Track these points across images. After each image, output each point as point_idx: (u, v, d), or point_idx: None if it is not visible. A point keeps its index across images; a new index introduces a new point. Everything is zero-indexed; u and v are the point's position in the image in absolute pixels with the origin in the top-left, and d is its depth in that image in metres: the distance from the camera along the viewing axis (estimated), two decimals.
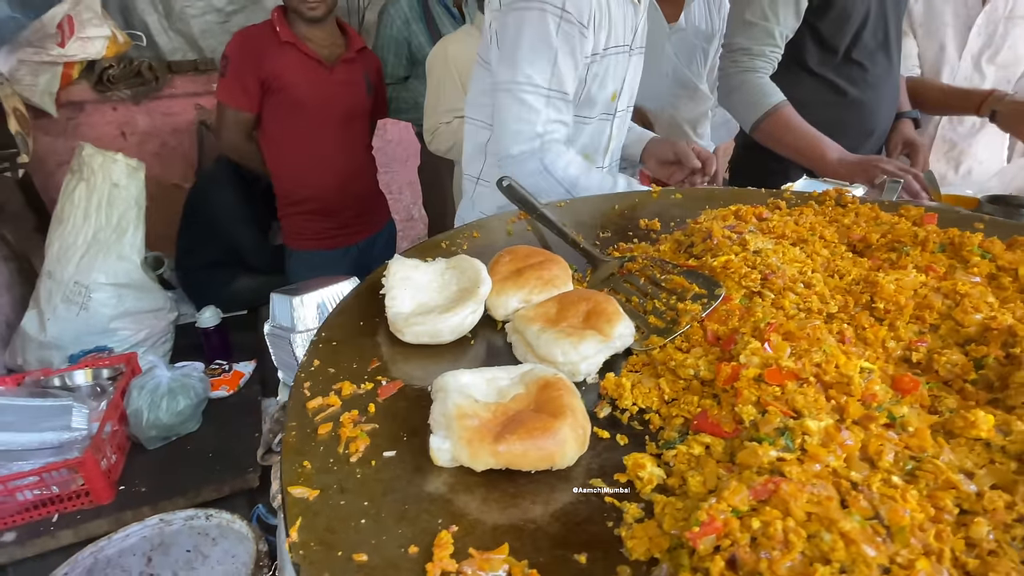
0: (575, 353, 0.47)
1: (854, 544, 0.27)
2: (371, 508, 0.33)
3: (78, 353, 2.07)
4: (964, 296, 0.53)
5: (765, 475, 0.31)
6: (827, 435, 0.34)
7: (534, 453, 0.35)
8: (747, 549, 0.27)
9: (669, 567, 0.29)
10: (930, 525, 0.30)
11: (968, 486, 0.33)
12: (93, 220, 2.14)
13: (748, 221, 0.69)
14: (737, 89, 1.45)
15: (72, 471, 1.52)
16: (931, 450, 0.35)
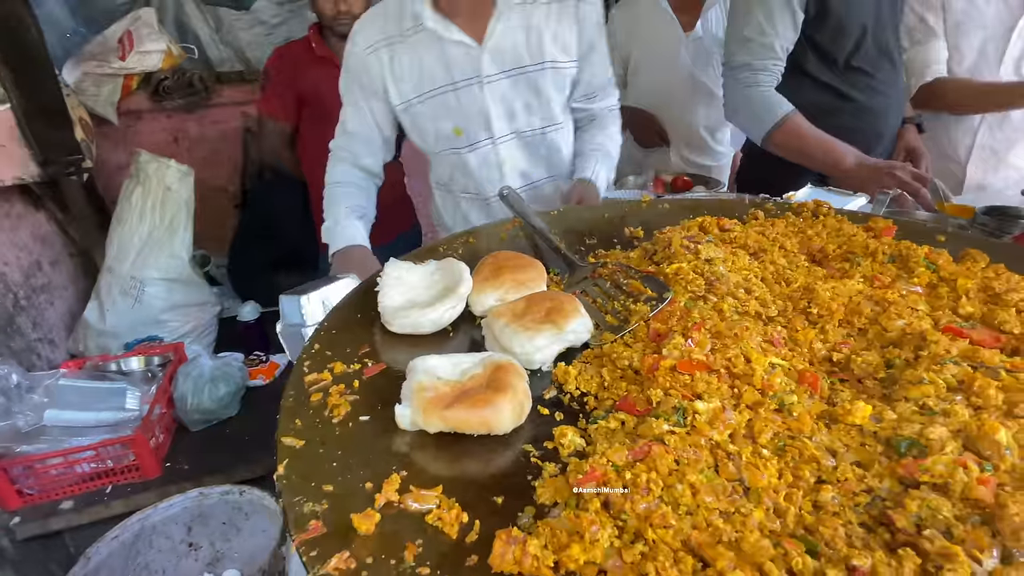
0: (530, 345, 0.56)
1: (698, 494, 0.34)
2: (343, 456, 0.42)
3: (132, 341, 2.28)
4: (891, 304, 0.58)
5: (646, 441, 0.38)
6: (713, 415, 0.41)
7: (475, 419, 0.44)
8: (618, 494, 0.35)
9: (562, 506, 0.37)
10: (784, 488, 0.37)
11: (828, 461, 0.39)
12: (148, 220, 2.35)
13: (711, 231, 0.76)
14: (744, 105, 1.46)
15: (125, 447, 1.69)
16: (808, 432, 0.42)
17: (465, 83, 1.09)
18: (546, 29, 1.08)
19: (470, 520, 0.37)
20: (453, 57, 1.07)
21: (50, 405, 1.71)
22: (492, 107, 1.11)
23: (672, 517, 0.33)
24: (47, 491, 1.64)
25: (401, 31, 1.07)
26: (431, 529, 0.37)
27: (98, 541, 1.46)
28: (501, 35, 1.06)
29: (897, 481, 0.37)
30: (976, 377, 0.43)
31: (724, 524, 0.33)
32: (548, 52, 1.09)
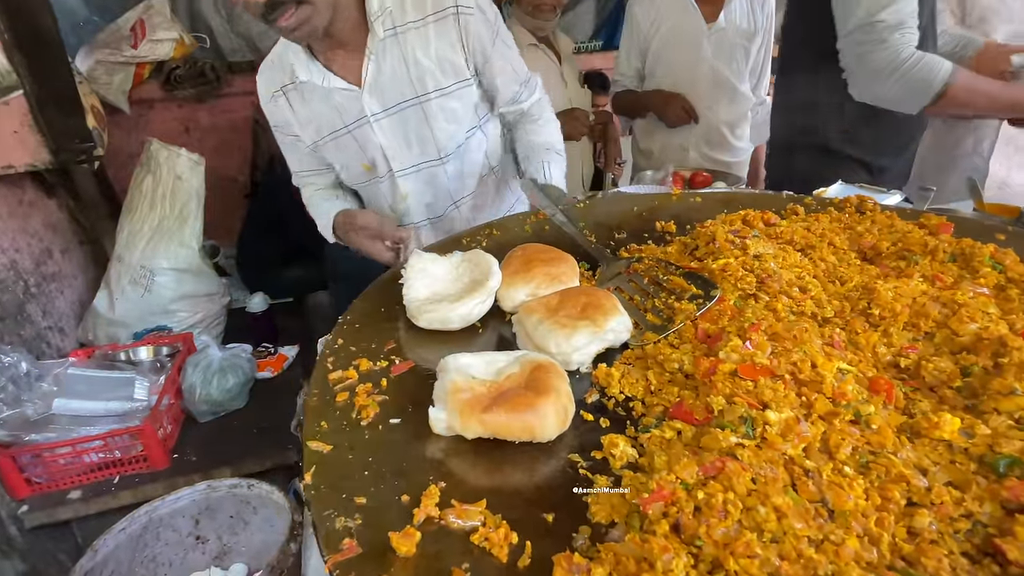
0: (567, 344, 0.52)
1: (785, 518, 0.30)
2: (374, 464, 0.38)
3: (141, 331, 2.27)
4: (962, 306, 0.53)
5: (718, 456, 0.34)
6: (786, 426, 0.37)
7: (517, 424, 0.40)
8: (690, 516, 0.31)
9: (624, 529, 0.33)
10: (873, 512, 0.33)
11: (920, 481, 0.35)
12: (158, 209, 2.33)
13: (755, 226, 0.71)
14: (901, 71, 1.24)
15: (133, 438, 1.67)
16: (891, 447, 0.38)
17: (355, 124, 1.06)
18: (425, 56, 1.00)
19: (520, 541, 0.33)
20: (339, 102, 1.04)
21: (59, 394, 1.69)
22: (384, 143, 1.07)
23: (757, 545, 0.29)
24: (55, 480, 1.63)
25: (290, 81, 1.05)
26: (478, 550, 0.33)
27: (105, 533, 1.44)
28: (377, 74, 1.00)
29: (999, 505, 0.33)
30: None
31: (816, 554, 0.29)
32: (431, 81, 1.02)
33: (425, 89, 1.03)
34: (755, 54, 2.18)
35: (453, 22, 0.99)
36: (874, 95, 1.30)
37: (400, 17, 0.97)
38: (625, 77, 2.26)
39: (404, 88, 1.02)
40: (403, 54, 0.99)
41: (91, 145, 2.38)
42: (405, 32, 0.98)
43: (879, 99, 1.31)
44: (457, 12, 0.98)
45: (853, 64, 1.30)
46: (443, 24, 0.99)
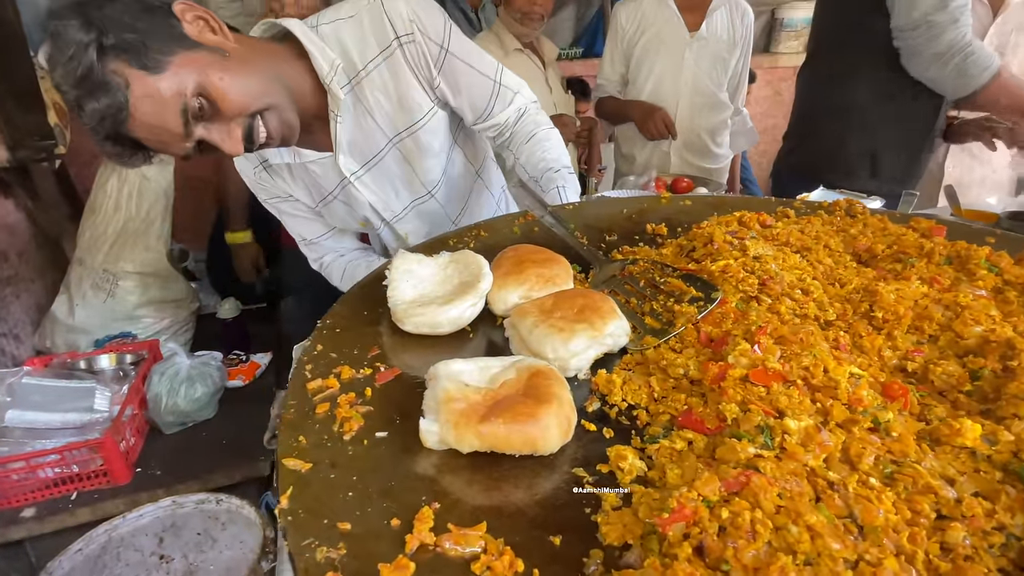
0: (564, 349, 0.49)
1: (820, 538, 0.28)
2: (359, 483, 0.34)
3: (103, 338, 2.15)
4: (965, 308, 0.52)
5: (740, 469, 0.31)
6: (806, 435, 0.35)
7: (517, 437, 0.37)
8: (714, 537, 0.28)
9: (640, 552, 0.30)
10: (904, 527, 0.31)
11: (948, 492, 0.33)
12: (123, 210, 2.23)
13: (751, 227, 0.70)
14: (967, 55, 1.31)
15: (92, 451, 1.57)
16: (913, 455, 0.36)
17: (339, 188, 1.03)
18: (386, 99, 0.95)
19: (526, 569, 0.30)
20: (316, 172, 1.01)
21: (12, 405, 1.58)
22: (372, 199, 1.04)
23: (792, 569, 0.26)
24: (7, 497, 1.52)
25: (262, 160, 1.01)
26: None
27: (61, 554, 1.35)
28: (346, 134, 0.96)
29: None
30: None
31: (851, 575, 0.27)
32: (400, 121, 0.98)
33: (396, 131, 0.98)
34: (734, 64, 2.22)
35: (400, 55, 0.93)
36: (931, 76, 1.38)
37: (351, 69, 0.92)
38: (609, 82, 2.27)
39: (376, 137, 0.98)
40: (365, 105, 0.95)
41: (52, 143, 2.27)
42: (359, 82, 0.93)
43: (934, 80, 1.39)
44: (400, 44, 0.91)
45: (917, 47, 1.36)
46: (392, 61, 0.93)
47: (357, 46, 0.92)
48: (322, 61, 0.88)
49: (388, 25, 0.90)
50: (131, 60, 0.69)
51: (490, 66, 1.02)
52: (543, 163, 1.05)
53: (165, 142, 0.75)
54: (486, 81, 1.01)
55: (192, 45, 0.74)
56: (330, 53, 0.89)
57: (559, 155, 1.07)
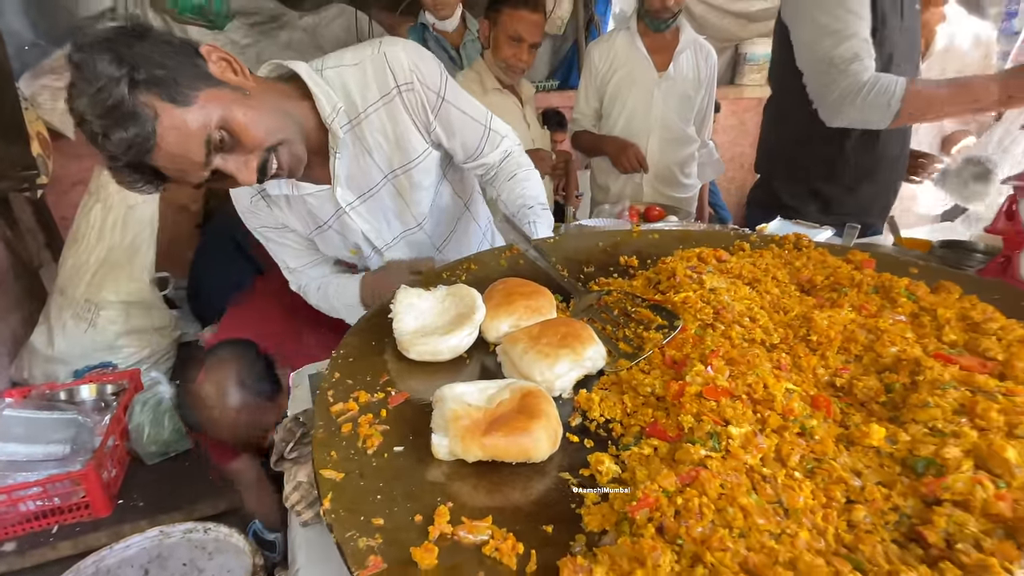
0: (550, 372, 0.57)
1: (750, 516, 0.36)
2: (384, 488, 0.41)
3: (83, 368, 2.13)
4: (884, 332, 0.62)
5: (692, 467, 0.40)
6: (746, 439, 0.43)
7: (514, 447, 0.44)
8: (671, 519, 0.36)
9: (614, 535, 0.38)
10: (820, 509, 0.39)
11: (855, 482, 0.42)
12: (107, 240, 2.24)
13: (709, 262, 0.80)
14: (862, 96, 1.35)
15: (75, 483, 1.57)
16: (831, 454, 0.44)
17: (334, 218, 1.10)
18: (384, 139, 1.04)
19: (526, 550, 0.37)
20: (312, 204, 1.08)
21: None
22: (365, 228, 1.12)
23: (729, 540, 0.34)
24: None
25: (260, 190, 1.07)
26: (490, 560, 0.36)
27: None
28: (344, 169, 1.04)
29: (920, 500, 0.40)
30: (978, 400, 0.47)
31: (777, 545, 0.35)
32: (395, 160, 1.06)
33: (391, 168, 1.07)
34: (699, 101, 2.39)
35: (399, 101, 1.01)
36: (842, 120, 1.43)
37: (352, 110, 1.00)
38: (584, 116, 2.41)
39: (372, 173, 1.06)
40: (364, 144, 1.03)
41: (35, 173, 2.28)
42: (359, 123, 1.01)
43: (849, 123, 1.44)
44: (399, 91, 1.00)
45: (818, 94, 1.43)
46: (391, 106, 1.01)
47: (359, 90, 1.00)
48: (325, 103, 0.96)
49: (390, 74, 0.99)
50: (161, 94, 0.75)
51: (481, 113, 1.13)
52: (520, 199, 1.15)
53: (184, 170, 0.80)
54: (477, 126, 1.12)
55: (216, 83, 0.81)
56: (333, 96, 0.97)
57: (536, 193, 1.18)
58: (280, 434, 0.76)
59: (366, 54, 1.00)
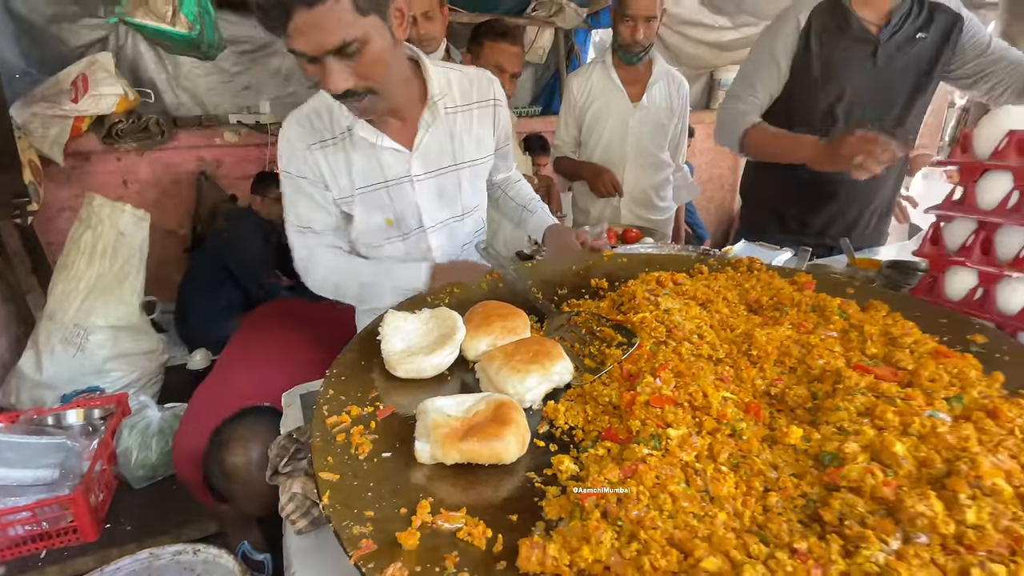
0: (521, 386, 0.64)
1: (678, 500, 0.43)
2: (374, 487, 0.48)
3: (71, 393, 2.14)
4: (814, 347, 0.71)
5: (633, 462, 0.47)
6: (682, 440, 0.51)
7: (486, 450, 0.51)
8: (614, 504, 0.43)
9: (568, 519, 0.45)
10: (740, 496, 0.47)
11: (772, 474, 0.50)
12: (97, 266, 2.27)
13: (666, 285, 0.89)
14: (724, 124, 1.75)
15: (63, 508, 1.58)
16: (756, 451, 0.52)
17: (396, 182, 1.18)
18: (467, 134, 1.22)
19: (494, 534, 0.44)
20: (385, 160, 1.16)
21: None
22: (422, 202, 1.21)
23: (659, 520, 0.42)
24: None
25: (333, 135, 1.14)
26: (463, 543, 0.43)
27: None
28: (428, 142, 1.17)
29: (823, 487, 0.48)
30: (878, 404, 0.55)
31: (698, 523, 0.42)
32: (468, 154, 1.24)
33: (463, 159, 1.24)
34: (673, 128, 2.52)
35: (491, 111, 1.25)
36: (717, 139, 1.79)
37: (451, 101, 1.19)
38: (564, 143, 2.53)
39: (445, 157, 1.22)
40: (450, 130, 1.20)
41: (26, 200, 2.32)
42: (455, 113, 1.20)
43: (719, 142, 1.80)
44: (495, 104, 1.25)
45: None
46: (484, 111, 1.24)
47: (460, 89, 1.20)
48: (436, 85, 1.14)
49: (493, 91, 1.24)
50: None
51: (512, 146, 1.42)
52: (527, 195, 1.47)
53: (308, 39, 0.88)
54: (514, 150, 1.43)
55: (384, 20, 0.95)
56: (443, 82, 1.16)
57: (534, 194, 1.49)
58: (275, 450, 0.82)
59: (472, 71, 1.24)
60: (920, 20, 1.61)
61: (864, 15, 1.61)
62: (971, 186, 0.87)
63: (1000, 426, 0.53)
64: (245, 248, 2.70)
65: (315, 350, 1.97)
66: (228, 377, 1.86)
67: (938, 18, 1.61)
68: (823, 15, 1.66)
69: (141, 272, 2.37)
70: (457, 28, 3.99)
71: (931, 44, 1.62)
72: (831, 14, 1.64)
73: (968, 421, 0.54)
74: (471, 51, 2.25)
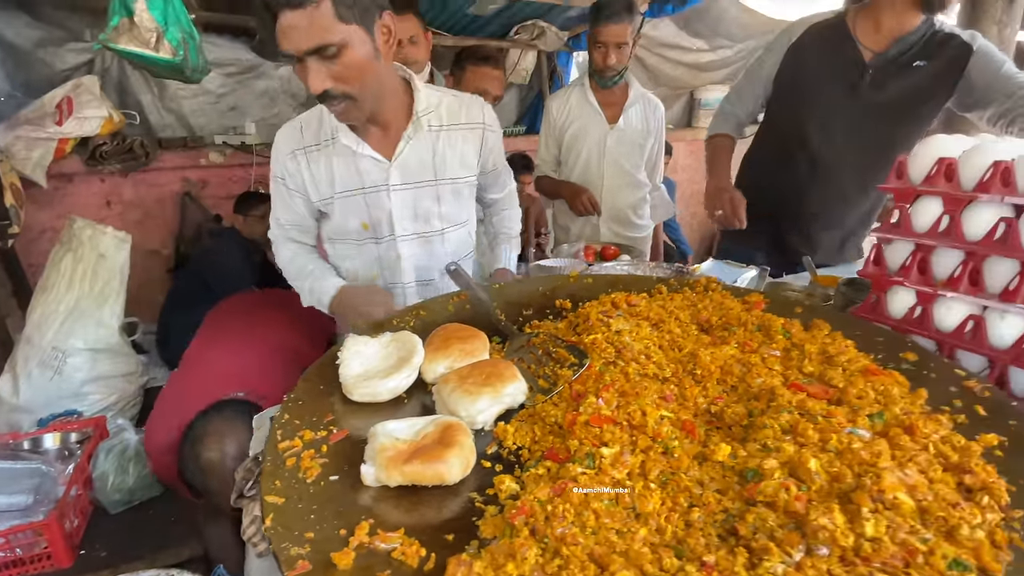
0: (472, 408, 0.67)
1: (600, 517, 0.46)
2: (318, 510, 0.50)
3: (47, 417, 2.13)
4: (754, 366, 0.75)
5: (564, 480, 0.50)
6: (615, 458, 0.54)
7: (429, 472, 0.54)
8: (542, 522, 0.46)
9: (500, 537, 0.48)
10: (665, 512, 0.50)
11: (697, 490, 0.53)
12: (76, 288, 2.27)
13: (620, 306, 0.92)
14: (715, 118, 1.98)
15: (36, 534, 1.57)
16: (685, 468, 0.55)
17: (373, 189, 1.26)
18: (451, 151, 1.28)
19: (427, 553, 0.46)
20: (364, 167, 1.24)
21: None
22: (395, 210, 1.28)
23: (581, 536, 0.44)
24: None
25: (318, 141, 1.23)
26: (396, 562, 0.45)
27: None
28: (408, 154, 1.24)
29: (744, 502, 0.51)
30: (800, 421, 0.59)
31: (618, 539, 0.45)
32: (450, 170, 1.30)
33: (443, 176, 1.30)
34: (649, 149, 2.59)
35: (479, 135, 1.31)
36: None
37: (437, 120, 1.26)
38: (545, 163, 2.60)
39: (425, 171, 1.28)
40: (433, 146, 1.26)
41: (7, 224, 2.32)
42: (439, 131, 1.26)
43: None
44: (484, 128, 1.32)
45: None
46: (471, 133, 1.30)
47: (449, 110, 1.27)
48: (424, 101, 1.23)
49: (483, 115, 1.32)
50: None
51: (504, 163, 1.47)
52: (501, 231, 1.54)
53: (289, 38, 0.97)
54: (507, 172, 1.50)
55: (370, 32, 1.03)
56: (431, 100, 1.25)
57: (514, 228, 1.56)
58: (241, 473, 0.83)
59: (466, 96, 1.33)
60: (926, 50, 1.57)
61: (865, 40, 1.62)
62: (905, 210, 0.92)
63: (915, 442, 0.57)
64: (225, 266, 2.72)
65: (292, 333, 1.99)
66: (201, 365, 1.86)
67: (946, 47, 1.55)
68: (818, 33, 1.70)
69: (121, 294, 2.37)
70: (441, 51, 4.08)
71: (930, 74, 1.58)
72: (827, 33, 1.68)
73: (885, 437, 0.58)
74: (454, 75, 2.31)
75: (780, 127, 1.86)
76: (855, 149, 1.75)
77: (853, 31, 1.65)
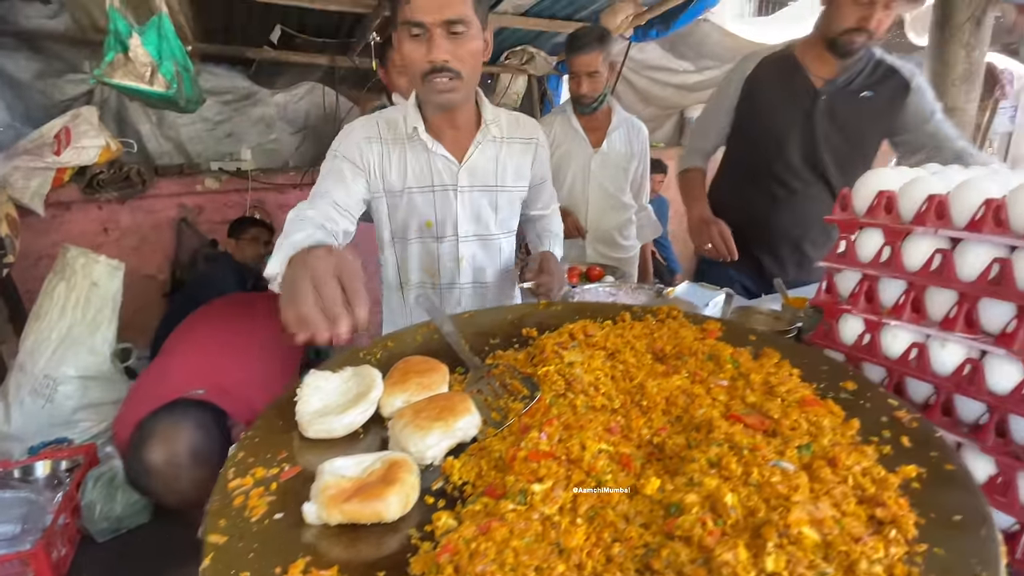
0: (422, 443, 0.70)
1: (520, 555, 0.49)
2: (259, 548, 0.53)
3: (38, 445, 2.15)
4: (697, 396, 0.77)
5: (491, 518, 0.53)
6: (545, 494, 0.56)
7: (367, 510, 0.57)
8: (466, 559, 0.49)
9: (427, 575, 0.50)
10: (588, 547, 0.52)
11: (622, 525, 0.55)
12: (69, 316, 2.31)
13: (577, 336, 0.95)
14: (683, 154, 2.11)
15: (23, 564, 1.58)
16: (615, 502, 0.58)
17: (442, 188, 1.39)
18: (509, 162, 1.44)
19: None
20: (436, 166, 1.37)
21: None
22: (461, 211, 1.41)
23: (499, 574, 0.47)
24: None
25: (395, 136, 1.36)
26: None
27: None
28: (477, 158, 1.39)
29: (665, 536, 0.54)
30: (727, 455, 0.61)
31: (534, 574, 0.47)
32: (508, 179, 1.45)
33: (501, 183, 1.44)
34: (634, 171, 2.64)
35: (532, 149, 1.48)
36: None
37: (498, 131, 1.42)
38: None
39: (488, 177, 1.42)
40: (496, 154, 1.42)
41: (2, 253, 2.37)
42: (499, 142, 1.43)
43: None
44: (537, 144, 1.49)
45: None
46: (526, 147, 1.47)
47: (508, 123, 1.44)
48: (490, 112, 1.40)
49: (537, 132, 1.49)
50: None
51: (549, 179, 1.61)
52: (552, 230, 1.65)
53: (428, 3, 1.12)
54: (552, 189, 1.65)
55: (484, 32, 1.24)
56: (496, 114, 1.42)
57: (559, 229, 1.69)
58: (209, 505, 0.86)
59: (522, 115, 1.50)
60: (870, 80, 1.69)
61: (813, 69, 1.73)
62: (851, 241, 0.95)
63: (836, 474, 0.59)
64: (218, 289, 2.76)
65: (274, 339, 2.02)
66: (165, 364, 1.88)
67: (889, 81, 1.69)
68: (770, 65, 1.80)
69: (114, 322, 2.41)
70: None
71: (875, 106, 1.70)
72: (780, 64, 1.79)
73: (809, 470, 0.60)
74: None
75: (743, 154, 1.94)
76: (813, 173, 1.82)
77: (802, 61, 1.76)
